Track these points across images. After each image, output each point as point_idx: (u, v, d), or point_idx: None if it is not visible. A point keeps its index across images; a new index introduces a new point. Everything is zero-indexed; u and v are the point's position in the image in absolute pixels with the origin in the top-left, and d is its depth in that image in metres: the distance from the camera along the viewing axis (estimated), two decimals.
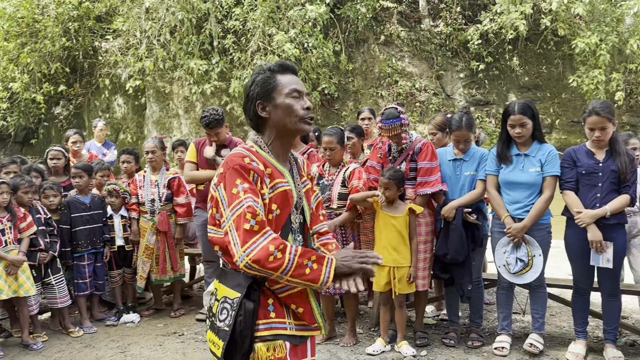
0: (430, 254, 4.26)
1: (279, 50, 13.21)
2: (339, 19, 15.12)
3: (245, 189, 1.87)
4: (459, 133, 4.13)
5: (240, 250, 1.81)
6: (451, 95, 16.42)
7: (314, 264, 1.83)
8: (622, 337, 4.28)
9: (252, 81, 2.04)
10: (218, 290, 1.99)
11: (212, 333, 1.95)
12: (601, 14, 14.27)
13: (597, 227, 3.68)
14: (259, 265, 1.79)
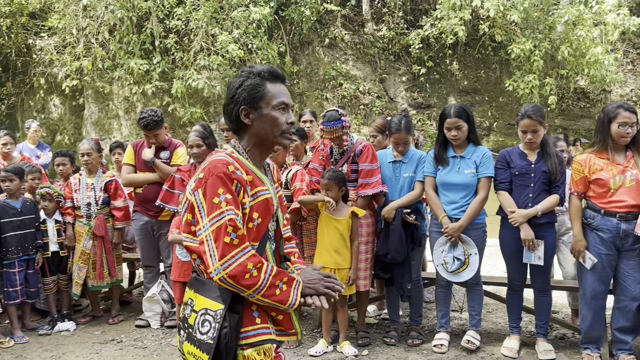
0: (371, 254, 4.32)
1: (223, 51, 13.06)
2: (284, 20, 15.10)
3: (228, 200, 1.81)
4: (398, 136, 4.21)
5: (217, 263, 1.77)
6: (394, 98, 16.70)
7: (284, 285, 1.84)
8: (552, 331, 4.47)
9: (239, 84, 1.95)
10: (195, 300, 1.91)
11: (191, 345, 1.88)
12: (535, 21, 14.88)
13: (529, 226, 3.83)
14: (234, 280, 1.77)
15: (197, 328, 1.87)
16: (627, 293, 3.70)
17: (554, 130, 16.44)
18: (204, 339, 1.84)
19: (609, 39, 14.63)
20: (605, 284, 3.76)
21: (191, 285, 1.97)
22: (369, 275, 4.34)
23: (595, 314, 3.80)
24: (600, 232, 3.66)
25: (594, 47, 14.24)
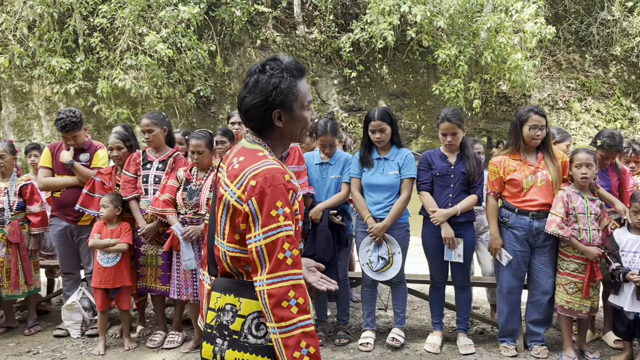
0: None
1: (151, 51, 12.73)
2: (214, 21, 14.90)
3: (286, 215, 1.71)
4: (324, 138, 4.25)
5: (264, 274, 1.68)
6: (326, 100, 16.84)
7: (307, 356, 1.67)
8: (473, 326, 4.65)
9: (274, 85, 1.80)
10: (239, 305, 1.80)
11: (241, 352, 1.77)
12: (460, 27, 15.44)
13: (449, 225, 3.97)
14: (270, 300, 1.66)
15: (249, 333, 1.77)
16: (539, 287, 3.91)
17: (479, 133, 17.13)
18: (262, 342, 1.76)
19: (527, 46, 15.40)
20: (520, 279, 3.95)
21: (228, 290, 1.85)
22: None
23: (511, 308, 3.99)
24: (515, 230, 3.85)
25: (514, 53, 14.94)
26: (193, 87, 14.18)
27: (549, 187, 3.82)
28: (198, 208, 4.18)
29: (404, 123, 17.03)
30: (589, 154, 3.83)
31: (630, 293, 3.77)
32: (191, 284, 4.17)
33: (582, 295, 3.84)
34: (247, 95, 1.84)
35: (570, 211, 3.82)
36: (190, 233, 4.05)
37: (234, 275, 1.86)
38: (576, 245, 3.81)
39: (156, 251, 4.38)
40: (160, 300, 4.56)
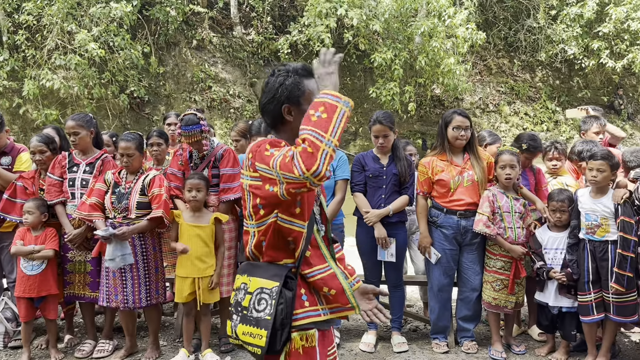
0: (234, 259, 4.28)
1: (81, 50, 12.28)
2: (148, 20, 14.54)
3: (278, 148, 1.90)
4: (257, 138, 4.22)
5: (302, 167, 1.75)
6: None
7: (319, 109, 1.84)
8: (407, 324, 4.75)
9: (279, 83, 2.04)
10: (249, 283, 1.99)
11: (247, 325, 1.94)
12: (395, 32, 15.76)
13: (382, 225, 4.05)
14: (313, 168, 1.74)
15: (253, 308, 1.93)
16: (468, 284, 4.05)
17: (414, 135, 17.55)
18: (261, 316, 1.91)
19: (459, 51, 15.91)
20: (449, 277, 4.08)
21: (243, 271, 2.06)
22: (232, 281, 4.29)
23: (442, 305, 4.10)
24: (444, 229, 3.97)
25: (447, 58, 15.40)
26: (126, 87, 13.78)
27: (475, 187, 3.97)
28: (127, 212, 4.05)
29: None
30: (512, 155, 4.01)
31: (553, 289, 3.97)
32: (121, 291, 4.02)
33: (508, 291, 4.01)
34: (262, 97, 2.11)
35: (496, 210, 3.98)
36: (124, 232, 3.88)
37: (252, 258, 2.07)
38: (502, 243, 3.97)
39: (84, 257, 4.21)
40: (90, 307, 4.39)
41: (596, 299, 3.78)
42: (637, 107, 20.75)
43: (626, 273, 3.62)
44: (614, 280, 3.66)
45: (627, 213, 3.66)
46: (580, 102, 20.53)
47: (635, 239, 3.64)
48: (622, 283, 3.63)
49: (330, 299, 2.03)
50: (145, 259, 4.09)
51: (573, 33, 18.58)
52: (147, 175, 4.16)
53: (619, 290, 3.66)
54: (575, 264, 3.85)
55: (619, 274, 3.64)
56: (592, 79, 20.38)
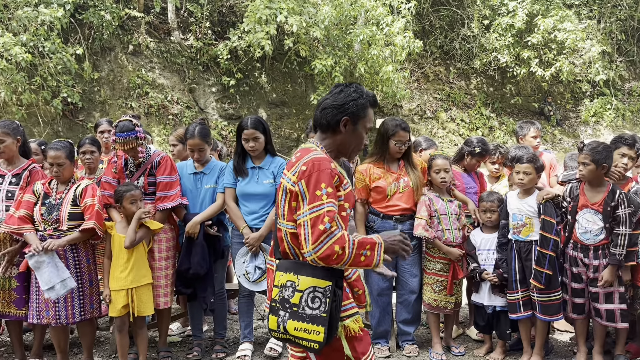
0: (172, 269, 4.18)
1: (7, 54, 11.70)
2: (82, 24, 14.06)
3: (329, 194, 2.14)
4: (192, 142, 4.15)
5: (310, 246, 2.09)
6: (204, 108, 16.54)
7: (368, 251, 2.14)
8: None
9: (353, 98, 2.28)
10: (297, 282, 2.17)
11: (299, 322, 2.13)
12: (335, 39, 15.91)
13: None
14: (324, 262, 2.09)
15: (305, 305, 2.13)
16: (406, 287, 4.12)
17: None
18: (317, 313, 2.12)
19: (398, 59, 16.23)
20: (389, 281, 4.13)
21: (287, 269, 2.23)
22: (170, 292, 4.19)
23: (382, 310, 4.15)
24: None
25: (385, 65, 15.68)
26: (59, 93, 13.25)
27: (411, 192, 4.06)
28: (59, 224, 3.87)
29: (284, 132, 17.20)
30: (445, 159, 4.14)
31: (487, 289, 4.10)
32: (53, 306, 3.83)
33: (447, 292, 4.11)
34: (329, 98, 2.32)
35: (433, 213, 4.08)
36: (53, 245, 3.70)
37: (293, 256, 2.27)
38: (439, 246, 4.07)
39: (9, 273, 3.98)
40: (16, 325, 4.16)
41: (523, 297, 3.94)
42: (565, 113, 21.82)
43: (544, 270, 3.79)
44: (532, 277, 3.83)
45: (548, 212, 3.84)
46: (512, 109, 21.40)
47: (555, 238, 3.82)
48: (539, 280, 3.81)
49: (356, 297, 2.37)
50: (79, 271, 3.92)
51: (505, 42, 19.35)
52: (79, 184, 4.00)
53: (538, 287, 3.82)
54: (504, 263, 4.00)
55: (537, 271, 3.82)
56: (524, 87, 21.29)
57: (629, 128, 21.27)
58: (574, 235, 3.85)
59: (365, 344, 2.33)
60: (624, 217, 3.67)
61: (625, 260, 3.70)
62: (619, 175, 3.89)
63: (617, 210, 3.69)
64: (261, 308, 5.13)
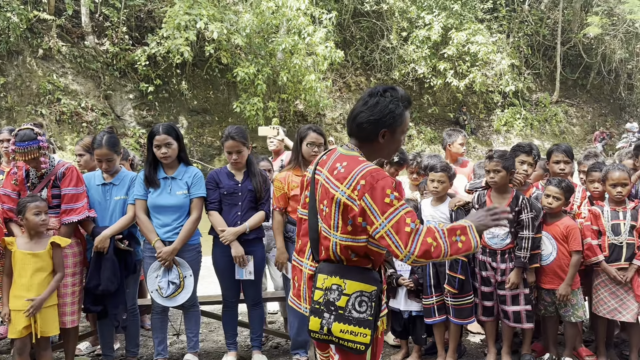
0: (79, 286, 3.95)
1: None
2: None
3: (398, 198, 2.15)
4: (99, 152, 3.94)
5: (404, 250, 2.09)
6: (121, 116, 15.97)
7: (461, 236, 2.16)
8: (268, 342, 4.71)
9: (390, 110, 2.22)
10: (344, 285, 2.22)
11: (346, 324, 2.19)
12: (257, 47, 15.86)
13: (239, 243, 3.98)
14: (424, 258, 2.10)
15: (352, 308, 2.20)
16: None
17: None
18: (364, 316, 2.20)
19: (320, 68, 16.42)
20: None
21: (333, 272, 2.26)
22: (78, 310, 3.95)
23: (300, 319, 4.09)
24: None
25: (308, 74, 15.81)
26: None
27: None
28: None
29: (206, 140, 16.90)
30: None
31: (403, 295, 4.17)
32: None
33: None
34: (365, 111, 2.26)
35: None
36: None
37: (337, 260, 2.29)
38: None
39: None
40: None
41: (438, 301, 4.04)
42: (478, 122, 22.87)
43: (457, 275, 3.93)
44: (446, 282, 3.96)
45: (459, 219, 3.97)
46: (430, 118, 22.15)
47: None
48: (453, 285, 3.94)
49: None
50: None
51: (422, 54, 20.05)
52: None
53: (452, 292, 3.95)
54: (420, 269, 4.09)
55: (450, 276, 3.95)
56: (440, 97, 22.12)
57: (536, 137, 22.62)
58: (482, 240, 4.00)
59: (381, 345, 2.44)
60: (527, 221, 3.86)
61: (529, 262, 3.89)
62: (520, 181, 4.10)
63: (521, 215, 3.88)
64: (176, 324, 4.96)
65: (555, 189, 3.97)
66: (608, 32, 24.07)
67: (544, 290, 4.05)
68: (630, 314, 3.90)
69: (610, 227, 3.93)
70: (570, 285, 3.93)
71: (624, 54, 24.98)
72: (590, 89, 26.54)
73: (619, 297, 3.91)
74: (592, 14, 23.43)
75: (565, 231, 3.95)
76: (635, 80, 26.51)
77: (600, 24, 22.51)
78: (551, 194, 3.98)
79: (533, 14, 24.38)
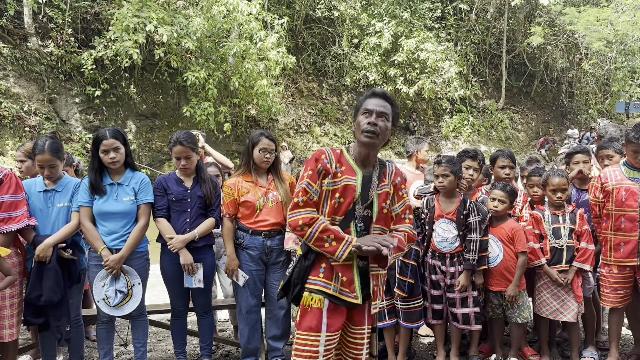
0: (19, 298, 3.77)
1: None
2: None
3: (309, 175, 2.65)
4: (41, 157, 3.79)
5: (287, 213, 2.79)
6: (67, 120, 15.48)
7: (333, 241, 2.57)
8: (219, 350, 4.64)
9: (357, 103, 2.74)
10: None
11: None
12: (208, 51, 15.67)
13: (189, 250, 3.90)
14: (291, 229, 2.63)
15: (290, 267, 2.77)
16: (275, 303, 4.07)
17: (231, 154, 17.56)
18: (287, 272, 2.77)
19: (272, 74, 16.37)
20: (257, 297, 4.07)
21: None
22: (17, 323, 3.78)
23: (251, 327, 4.07)
24: (250, 250, 3.95)
25: (260, 79, 15.74)
26: None
27: (279, 207, 4.03)
28: None
29: (156, 145, 16.58)
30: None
31: None
32: None
33: None
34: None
35: None
36: None
37: None
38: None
39: None
40: None
41: (388, 305, 4.08)
42: (428, 128, 23.33)
43: (407, 279, 3.99)
44: (396, 285, 4.01)
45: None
46: None
47: (416, 248, 4.03)
48: (403, 288, 4.01)
49: (343, 284, 2.64)
50: None
51: (373, 61, 20.31)
52: None
53: (401, 296, 4.00)
54: None
55: (400, 280, 4.01)
56: None
57: (483, 142, 23.27)
58: (432, 244, 4.07)
59: (312, 323, 2.64)
60: (474, 224, 3.96)
61: (477, 265, 3.98)
62: (467, 185, 4.20)
63: (469, 218, 3.97)
64: (123, 334, 4.82)
65: (500, 192, 4.09)
66: (550, 42, 25.07)
67: (491, 292, 4.16)
68: (570, 314, 4.05)
69: (551, 231, 4.08)
70: (517, 286, 4.05)
71: (564, 63, 26.07)
72: (534, 96, 27.54)
73: (560, 298, 4.06)
74: (535, 24, 24.34)
75: (511, 233, 4.07)
76: (576, 88, 27.71)
77: (543, 34, 23.42)
78: (497, 197, 4.09)
79: (480, 23, 25.13)
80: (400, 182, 2.86)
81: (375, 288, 2.73)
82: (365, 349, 2.80)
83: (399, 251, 2.70)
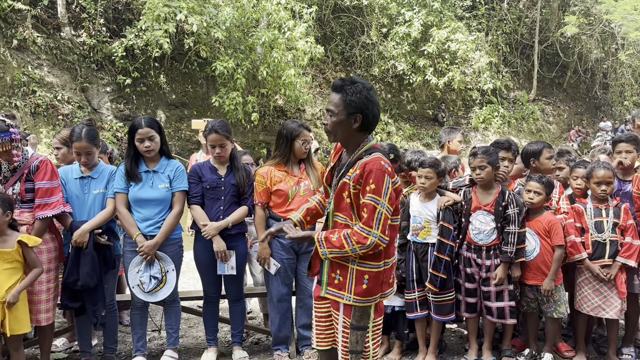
0: (55, 282, 3.84)
1: None
2: None
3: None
4: (78, 145, 3.84)
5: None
6: (98, 109, 15.71)
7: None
8: (249, 337, 4.66)
9: None
10: None
11: None
12: (237, 41, 15.69)
13: (222, 238, 3.92)
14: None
15: None
16: (305, 292, 4.07)
17: (258, 144, 17.61)
18: None
19: (300, 64, 16.32)
20: (288, 286, 4.07)
21: None
22: (53, 307, 3.85)
23: (282, 315, 4.07)
24: (281, 238, 3.94)
25: (288, 69, 15.70)
26: None
27: (311, 195, 4.00)
28: None
29: (185, 134, 16.72)
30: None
31: None
32: None
33: None
34: None
35: None
36: None
37: None
38: None
39: None
40: None
41: (420, 297, 4.03)
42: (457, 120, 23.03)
43: (439, 274, 3.92)
44: (428, 280, 3.95)
45: (447, 219, 3.96)
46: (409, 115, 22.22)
47: (451, 244, 3.95)
48: (435, 283, 3.92)
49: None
50: None
51: (402, 51, 20.08)
52: None
53: (433, 290, 3.94)
54: (403, 264, 4.07)
55: (432, 275, 3.93)
56: (419, 94, 22.21)
57: (513, 134, 22.88)
58: (467, 237, 4.00)
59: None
60: (513, 216, 3.87)
61: (515, 257, 3.90)
62: (503, 177, 4.11)
63: (507, 210, 3.88)
64: (156, 319, 4.87)
65: (536, 184, 3.99)
66: (585, 31, 24.44)
67: (527, 286, 4.07)
68: (613, 310, 3.93)
69: (593, 225, 3.96)
70: (553, 280, 3.95)
71: (599, 53, 25.41)
72: (566, 87, 26.94)
73: (602, 294, 3.94)
74: (569, 14, 23.76)
75: (548, 226, 3.97)
76: (610, 79, 26.99)
77: (577, 23, 22.84)
78: (532, 189, 3.99)
79: (511, 13, 24.64)
80: (358, 176, 2.59)
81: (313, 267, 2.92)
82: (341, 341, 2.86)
83: (332, 247, 2.67)
